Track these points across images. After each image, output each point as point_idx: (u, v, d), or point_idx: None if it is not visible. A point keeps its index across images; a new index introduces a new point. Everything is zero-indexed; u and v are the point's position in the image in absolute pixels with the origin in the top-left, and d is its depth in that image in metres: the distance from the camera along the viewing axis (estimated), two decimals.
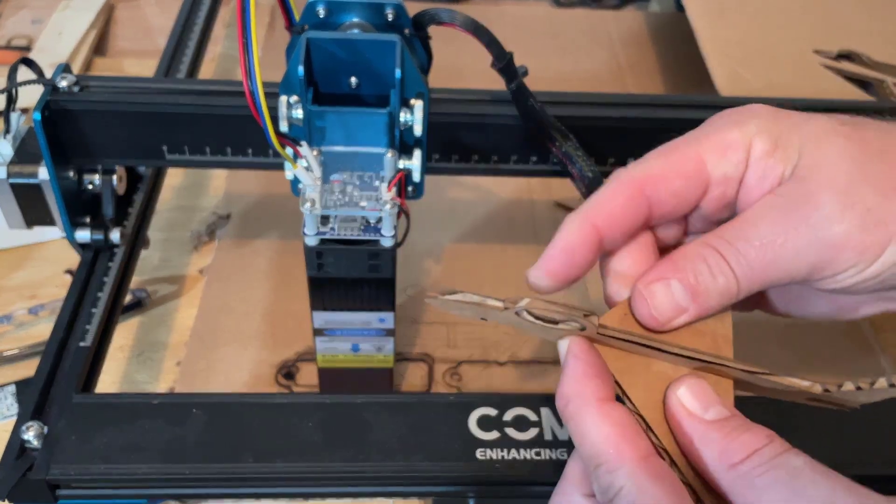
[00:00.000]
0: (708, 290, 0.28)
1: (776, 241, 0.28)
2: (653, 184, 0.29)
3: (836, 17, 0.70)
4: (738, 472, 0.25)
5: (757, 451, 0.25)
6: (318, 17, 0.38)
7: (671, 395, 0.28)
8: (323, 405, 0.39)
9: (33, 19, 0.81)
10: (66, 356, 0.42)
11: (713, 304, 0.28)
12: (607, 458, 0.26)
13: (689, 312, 0.28)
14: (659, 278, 0.28)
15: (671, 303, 0.28)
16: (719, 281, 0.28)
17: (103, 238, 0.47)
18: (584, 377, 0.27)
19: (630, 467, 0.25)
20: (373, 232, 0.37)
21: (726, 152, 0.29)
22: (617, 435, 0.26)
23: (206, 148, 0.45)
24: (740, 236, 0.28)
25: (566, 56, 0.80)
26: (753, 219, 0.29)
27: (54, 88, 0.43)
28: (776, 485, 0.24)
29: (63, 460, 0.37)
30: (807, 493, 0.24)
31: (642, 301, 0.28)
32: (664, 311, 0.28)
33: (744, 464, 0.25)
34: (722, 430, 0.26)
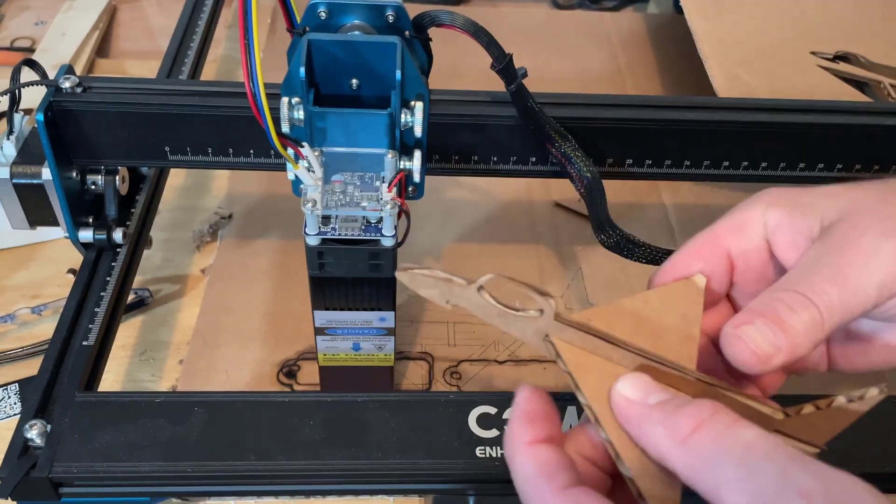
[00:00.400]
0: (794, 326, 0.28)
1: (841, 269, 0.28)
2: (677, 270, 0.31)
3: (833, 18, 0.71)
4: (689, 447, 0.25)
5: (704, 421, 0.25)
6: (320, 19, 0.38)
7: (613, 391, 0.28)
8: (324, 403, 0.39)
9: (36, 21, 0.81)
10: (68, 355, 0.42)
11: (803, 340, 0.28)
12: (530, 494, 0.27)
13: (783, 351, 0.28)
14: (744, 322, 0.28)
15: (766, 340, 0.28)
16: (804, 316, 0.28)
17: (106, 238, 0.47)
18: (518, 421, 0.28)
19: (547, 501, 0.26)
20: (373, 232, 0.37)
21: (740, 229, 0.32)
22: (536, 473, 0.27)
23: (208, 149, 0.45)
24: (807, 273, 0.29)
25: (565, 57, 0.80)
26: (813, 258, 0.29)
27: (57, 89, 0.43)
28: (731, 461, 0.24)
29: (66, 458, 0.37)
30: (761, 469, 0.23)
31: (738, 341, 0.28)
32: (762, 347, 0.28)
33: (693, 437, 0.25)
34: (665, 409, 0.26)
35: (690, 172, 0.47)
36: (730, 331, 0.28)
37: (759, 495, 0.23)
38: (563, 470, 0.27)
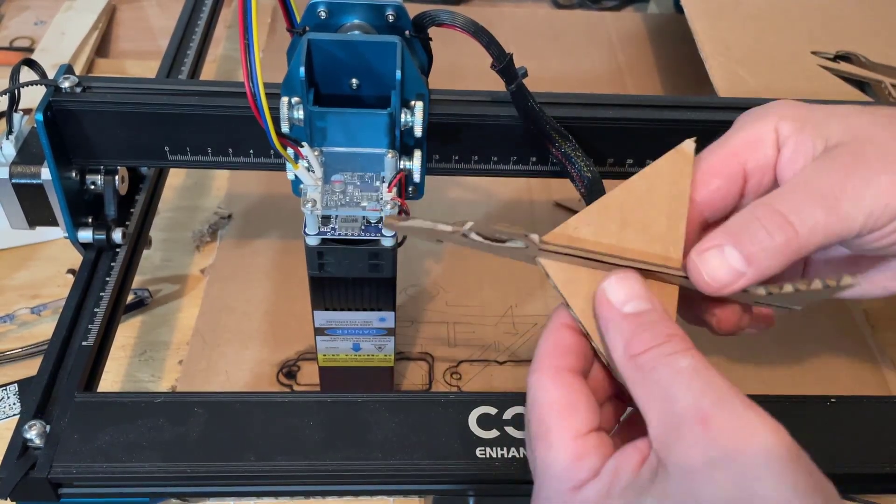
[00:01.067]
0: (766, 250, 0.28)
1: (833, 192, 0.28)
2: (696, 188, 0.31)
3: (833, 18, 0.71)
4: (635, 363, 0.27)
5: (656, 345, 0.27)
6: (319, 19, 0.38)
7: (599, 287, 0.29)
8: (324, 404, 0.39)
9: (36, 20, 0.81)
10: (68, 355, 0.42)
11: (773, 263, 0.28)
12: (534, 363, 0.29)
13: (747, 276, 0.28)
14: (712, 246, 0.29)
15: (726, 268, 0.28)
16: (777, 239, 0.28)
17: (105, 238, 0.47)
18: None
19: (540, 371, 0.29)
20: (373, 232, 0.37)
21: (756, 144, 0.31)
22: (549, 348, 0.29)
23: (207, 148, 0.45)
24: (797, 190, 0.29)
25: (565, 57, 0.80)
26: (805, 177, 0.29)
27: (57, 89, 0.43)
28: (657, 382, 0.26)
29: (65, 459, 0.37)
30: (677, 395, 0.25)
31: (696, 269, 0.29)
32: (719, 276, 0.29)
33: (640, 356, 0.27)
34: (633, 322, 0.28)
35: None
36: (693, 256, 0.29)
37: (667, 415, 0.25)
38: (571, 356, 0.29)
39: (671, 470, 0.25)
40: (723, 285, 0.29)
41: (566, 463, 0.27)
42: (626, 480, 0.26)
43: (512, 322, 0.55)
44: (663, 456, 0.25)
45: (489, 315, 0.56)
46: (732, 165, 0.31)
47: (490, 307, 0.56)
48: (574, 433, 0.28)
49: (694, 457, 0.24)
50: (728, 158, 0.32)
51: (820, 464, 0.25)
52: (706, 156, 0.32)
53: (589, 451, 0.27)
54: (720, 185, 0.31)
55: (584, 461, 0.27)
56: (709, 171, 0.31)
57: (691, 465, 0.24)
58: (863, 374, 0.53)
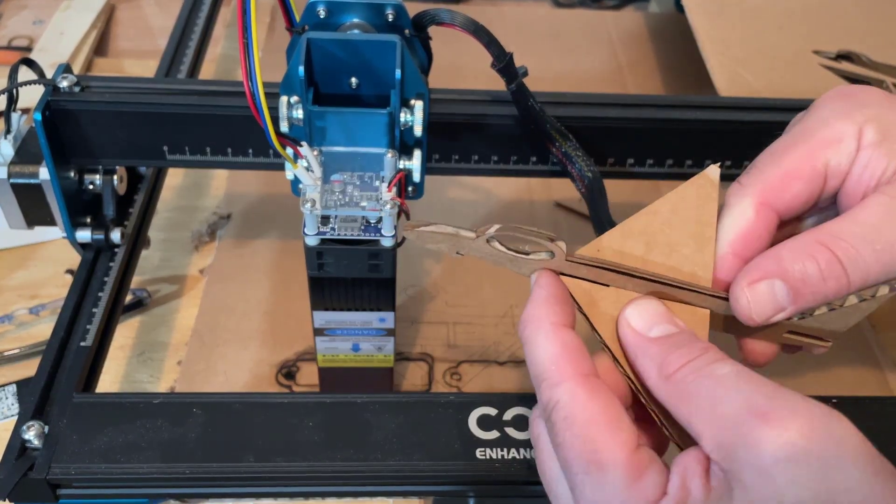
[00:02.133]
0: (814, 293, 0.27)
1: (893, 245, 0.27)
2: (775, 193, 0.29)
3: (835, 17, 0.70)
4: (673, 382, 0.26)
5: (691, 360, 0.26)
6: (319, 18, 0.38)
7: (620, 317, 0.28)
8: (323, 405, 0.39)
9: (34, 20, 0.81)
10: (66, 356, 0.42)
11: (814, 305, 0.28)
12: (550, 374, 0.27)
13: (787, 311, 0.28)
14: (763, 276, 0.28)
15: (772, 304, 0.28)
16: (829, 286, 0.27)
17: (104, 238, 0.47)
18: (544, 303, 0.28)
19: (568, 383, 0.26)
20: (373, 232, 0.37)
21: (838, 145, 0.29)
22: (561, 354, 0.27)
23: (206, 148, 0.45)
24: (859, 237, 0.28)
25: (566, 56, 0.80)
26: (868, 220, 0.28)
27: (55, 89, 0.43)
28: (701, 393, 0.25)
29: (64, 460, 0.37)
30: (727, 398, 0.24)
31: (744, 302, 0.28)
32: (763, 312, 0.28)
33: (678, 373, 0.26)
34: (663, 345, 0.27)
35: (692, 172, 0.47)
36: (744, 285, 0.28)
37: (721, 422, 0.24)
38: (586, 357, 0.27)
39: (745, 477, 0.23)
40: (764, 319, 0.28)
41: (626, 483, 0.25)
42: (700, 497, 0.24)
43: (512, 322, 0.55)
44: (729, 465, 0.24)
45: (489, 315, 0.56)
46: (814, 165, 0.29)
47: (490, 307, 0.56)
48: (629, 449, 0.25)
49: (765, 456, 0.23)
50: (810, 156, 0.29)
51: None
52: (787, 152, 0.30)
53: (647, 467, 0.25)
54: (801, 189, 0.29)
55: (647, 479, 0.25)
56: (792, 174, 0.29)
57: (765, 466, 0.23)
58: (864, 374, 0.53)
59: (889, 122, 0.29)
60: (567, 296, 0.29)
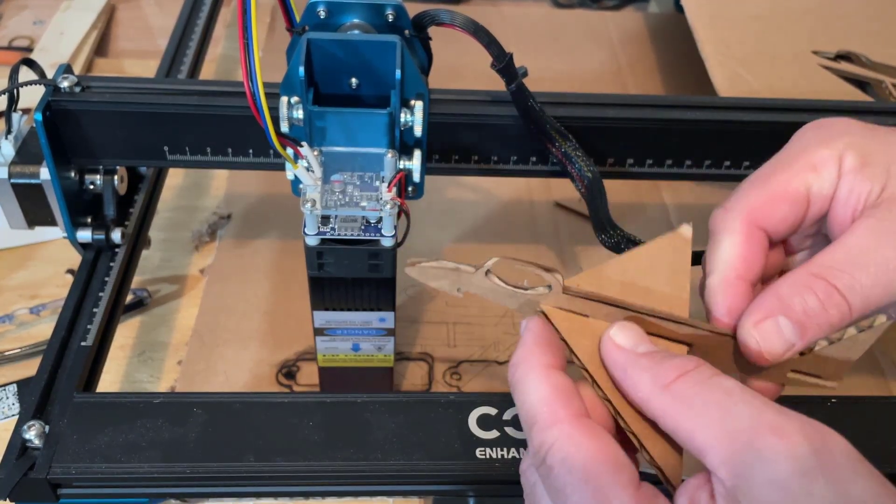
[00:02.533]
0: (819, 324, 0.28)
1: (889, 264, 0.28)
2: (763, 215, 0.30)
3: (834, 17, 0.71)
4: (671, 393, 0.25)
5: (688, 372, 0.26)
6: (319, 18, 0.38)
7: (604, 337, 0.28)
8: (323, 404, 0.39)
9: (35, 20, 0.81)
10: (67, 355, 0.42)
11: (821, 335, 0.28)
12: (542, 416, 0.26)
13: (796, 347, 0.28)
14: (767, 316, 0.28)
15: (781, 341, 0.28)
16: (832, 315, 0.28)
17: (104, 238, 0.47)
18: (534, 346, 0.28)
19: (563, 425, 0.26)
20: (373, 232, 0.37)
21: (820, 169, 0.30)
22: (553, 395, 0.27)
23: (207, 148, 0.45)
24: (852, 262, 0.28)
25: (566, 57, 0.80)
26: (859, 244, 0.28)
27: (55, 89, 0.43)
28: (710, 403, 0.25)
29: (64, 459, 0.37)
30: (737, 411, 0.24)
31: (754, 343, 0.28)
32: (774, 349, 0.28)
33: (676, 383, 0.25)
34: (652, 358, 0.27)
35: (692, 172, 0.47)
36: (749, 327, 0.28)
37: (733, 434, 0.24)
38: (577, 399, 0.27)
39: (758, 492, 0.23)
40: (776, 357, 0.28)
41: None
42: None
43: (512, 322, 0.55)
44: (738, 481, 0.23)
45: (489, 315, 0.56)
46: (798, 192, 0.30)
47: (490, 307, 0.56)
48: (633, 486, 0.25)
49: (782, 470, 0.23)
50: (792, 181, 0.30)
51: None
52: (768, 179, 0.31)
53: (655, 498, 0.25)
54: (787, 211, 0.30)
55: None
56: (776, 196, 0.30)
57: (781, 480, 0.23)
58: (863, 374, 0.53)
59: (868, 149, 0.30)
60: (557, 339, 0.29)
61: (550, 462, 0.26)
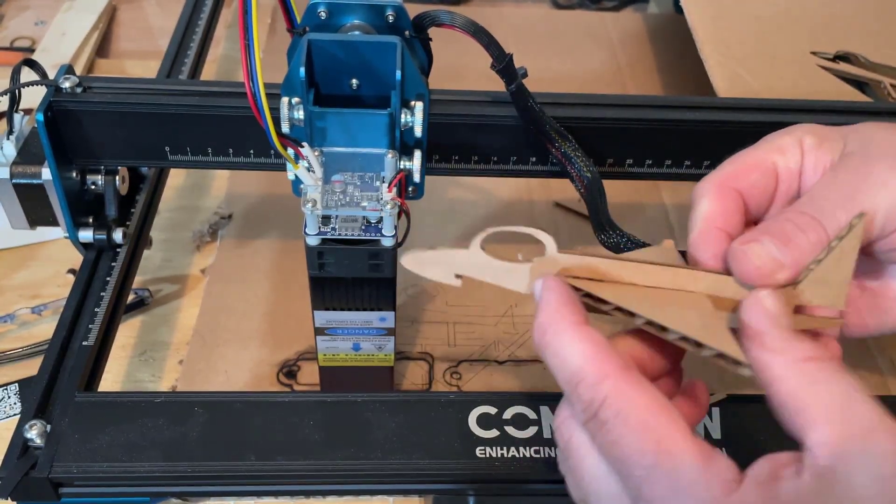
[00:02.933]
0: (800, 244, 0.29)
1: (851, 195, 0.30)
2: (735, 178, 0.32)
3: (833, 18, 0.71)
4: (802, 368, 0.26)
5: (821, 358, 0.26)
6: (319, 19, 0.38)
7: (753, 296, 0.29)
8: (324, 404, 0.39)
9: (36, 20, 0.81)
10: (68, 355, 0.42)
11: (806, 258, 0.30)
12: (587, 373, 0.27)
13: (786, 268, 0.29)
14: (752, 240, 0.30)
15: (769, 256, 0.29)
16: (810, 235, 0.30)
17: (106, 238, 0.47)
18: (559, 305, 0.28)
19: (612, 379, 0.26)
20: (373, 232, 0.37)
21: (784, 151, 0.33)
22: (595, 351, 0.27)
23: (208, 149, 0.45)
24: (818, 196, 0.31)
25: (565, 57, 0.80)
26: (824, 183, 0.31)
27: (57, 89, 0.43)
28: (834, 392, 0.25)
29: (66, 459, 0.37)
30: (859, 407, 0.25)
31: (742, 257, 0.30)
32: (765, 263, 0.29)
33: (808, 363, 0.26)
34: (794, 334, 0.27)
35: (691, 172, 0.47)
36: (736, 247, 0.30)
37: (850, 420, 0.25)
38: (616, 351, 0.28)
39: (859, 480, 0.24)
40: (769, 272, 0.29)
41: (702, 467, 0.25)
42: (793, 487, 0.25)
43: (512, 322, 0.56)
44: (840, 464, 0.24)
45: (489, 315, 0.56)
46: (766, 164, 0.33)
47: (490, 307, 0.56)
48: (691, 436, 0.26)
49: (889, 467, 0.24)
50: (761, 158, 0.33)
51: None
52: (739, 157, 0.33)
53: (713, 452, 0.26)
54: (758, 178, 0.33)
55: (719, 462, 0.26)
56: (746, 166, 0.33)
57: (886, 476, 0.24)
58: (861, 374, 0.53)
59: (823, 132, 0.33)
60: (576, 295, 0.29)
61: (604, 416, 0.26)
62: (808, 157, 0.33)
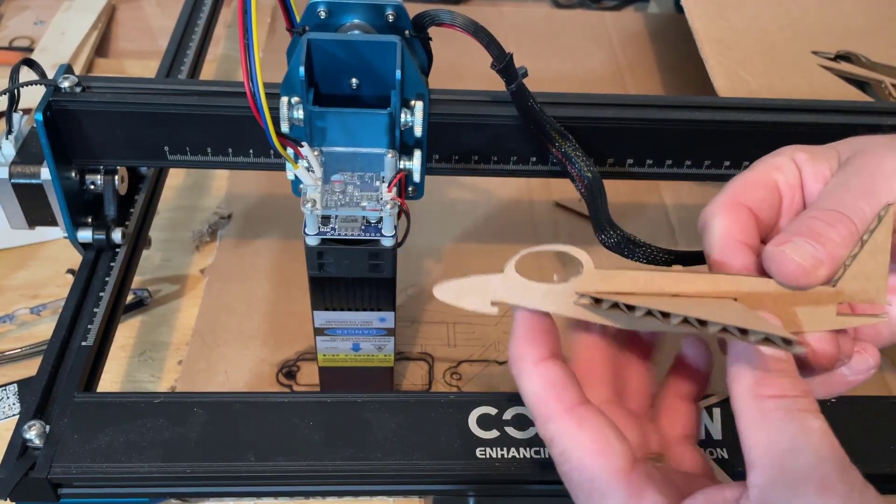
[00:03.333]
0: (833, 238, 0.29)
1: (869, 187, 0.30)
2: (743, 195, 0.32)
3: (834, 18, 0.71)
4: (759, 405, 0.26)
5: (791, 396, 0.26)
6: (319, 19, 0.38)
7: None
8: (323, 404, 0.39)
9: (36, 20, 0.81)
10: (67, 355, 0.42)
11: (842, 252, 0.30)
12: (538, 412, 0.29)
13: (825, 263, 0.29)
14: (783, 241, 0.30)
15: (807, 253, 0.29)
16: (840, 229, 0.30)
17: (105, 238, 0.47)
18: (522, 340, 0.30)
19: (556, 421, 0.28)
20: (373, 232, 0.37)
21: (781, 168, 0.33)
22: (545, 391, 0.28)
23: (207, 148, 0.45)
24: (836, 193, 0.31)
25: (566, 57, 0.80)
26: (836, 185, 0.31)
27: (56, 89, 0.43)
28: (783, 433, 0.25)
29: (65, 459, 0.37)
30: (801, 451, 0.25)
31: (782, 256, 0.29)
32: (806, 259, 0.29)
33: (769, 400, 0.26)
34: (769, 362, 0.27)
35: (691, 172, 0.47)
36: (771, 248, 0.30)
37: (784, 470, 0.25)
38: (569, 387, 0.29)
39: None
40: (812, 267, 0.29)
41: None
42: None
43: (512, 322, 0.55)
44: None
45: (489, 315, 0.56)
46: (767, 180, 0.33)
47: None
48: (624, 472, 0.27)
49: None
50: (761, 176, 0.33)
51: None
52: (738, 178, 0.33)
53: (646, 486, 0.27)
54: (763, 194, 0.33)
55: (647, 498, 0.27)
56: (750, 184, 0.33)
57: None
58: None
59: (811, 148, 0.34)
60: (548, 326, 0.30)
61: (553, 454, 0.29)
62: (805, 169, 0.33)
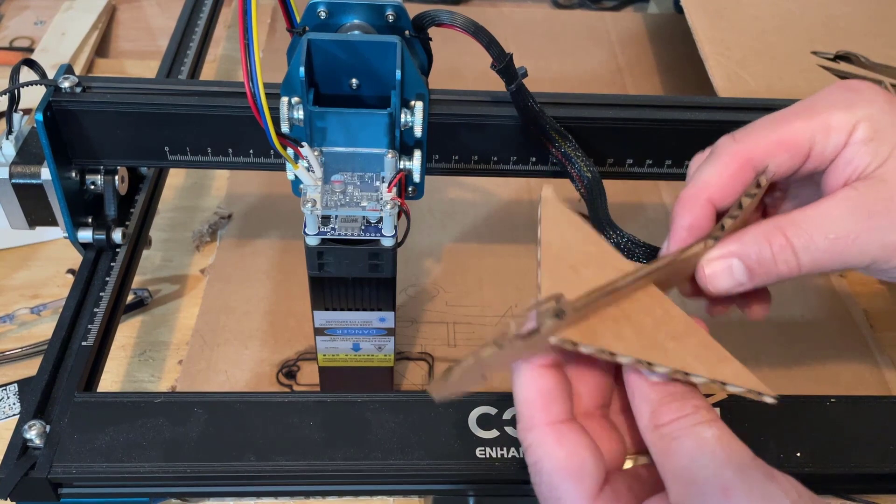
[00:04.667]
0: (768, 272, 0.30)
1: (849, 236, 0.30)
2: (760, 157, 0.31)
3: (834, 18, 0.71)
4: (659, 433, 0.27)
5: (681, 417, 0.27)
6: (319, 19, 0.38)
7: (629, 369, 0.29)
8: (324, 404, 0.39)
9: (36, 20, 0.81)
10: (68, 355, 0.42)
11: (770, 282, 0.31)
12: (521, 418, 0.28)
13: (745, 286, 0.31)
14: (723, 256, 0.30)
15: (730, 280, 0.30)
16: (780, 268, 0.30)
17: (105, 238, 0.47)
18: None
19: (535, 431, 0.28)
20: (373, 232, 0.37)
21: (830, 133, 0.31)
22: (533, 399, 0.28)
23: (207, 148, 0.45)
24: (816, 226, 0.30)
25: (565, 57, 0.80)
26: (830, 212, 0.30)
27: (56, 89, 0.43)
28: (680, 452, 0.26)
29: (65, 459, 0.37)
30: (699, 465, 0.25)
31: (703, 275, 0.31)
32: (721, 286, 0.31)
33: (666, 427, 0.27)
34: (660, 392, 0.28)
35: None
36: (704, 264, 0.31)
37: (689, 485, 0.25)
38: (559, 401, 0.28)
39: None
40: (722, 292, 0.31)
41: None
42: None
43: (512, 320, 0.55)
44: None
45: (489, 315, 0.56)
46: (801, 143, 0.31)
47: (490, 307, 0.56)
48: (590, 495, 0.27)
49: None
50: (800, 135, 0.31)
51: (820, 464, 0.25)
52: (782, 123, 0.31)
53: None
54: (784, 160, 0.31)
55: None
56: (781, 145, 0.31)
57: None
58: (863, 374, 0.53)
59: (883, 123, 0.31)
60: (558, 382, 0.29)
61: (528, 461, 0.28)
62: (849, 149, 0.31)
